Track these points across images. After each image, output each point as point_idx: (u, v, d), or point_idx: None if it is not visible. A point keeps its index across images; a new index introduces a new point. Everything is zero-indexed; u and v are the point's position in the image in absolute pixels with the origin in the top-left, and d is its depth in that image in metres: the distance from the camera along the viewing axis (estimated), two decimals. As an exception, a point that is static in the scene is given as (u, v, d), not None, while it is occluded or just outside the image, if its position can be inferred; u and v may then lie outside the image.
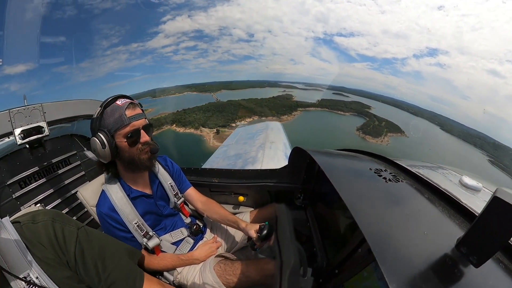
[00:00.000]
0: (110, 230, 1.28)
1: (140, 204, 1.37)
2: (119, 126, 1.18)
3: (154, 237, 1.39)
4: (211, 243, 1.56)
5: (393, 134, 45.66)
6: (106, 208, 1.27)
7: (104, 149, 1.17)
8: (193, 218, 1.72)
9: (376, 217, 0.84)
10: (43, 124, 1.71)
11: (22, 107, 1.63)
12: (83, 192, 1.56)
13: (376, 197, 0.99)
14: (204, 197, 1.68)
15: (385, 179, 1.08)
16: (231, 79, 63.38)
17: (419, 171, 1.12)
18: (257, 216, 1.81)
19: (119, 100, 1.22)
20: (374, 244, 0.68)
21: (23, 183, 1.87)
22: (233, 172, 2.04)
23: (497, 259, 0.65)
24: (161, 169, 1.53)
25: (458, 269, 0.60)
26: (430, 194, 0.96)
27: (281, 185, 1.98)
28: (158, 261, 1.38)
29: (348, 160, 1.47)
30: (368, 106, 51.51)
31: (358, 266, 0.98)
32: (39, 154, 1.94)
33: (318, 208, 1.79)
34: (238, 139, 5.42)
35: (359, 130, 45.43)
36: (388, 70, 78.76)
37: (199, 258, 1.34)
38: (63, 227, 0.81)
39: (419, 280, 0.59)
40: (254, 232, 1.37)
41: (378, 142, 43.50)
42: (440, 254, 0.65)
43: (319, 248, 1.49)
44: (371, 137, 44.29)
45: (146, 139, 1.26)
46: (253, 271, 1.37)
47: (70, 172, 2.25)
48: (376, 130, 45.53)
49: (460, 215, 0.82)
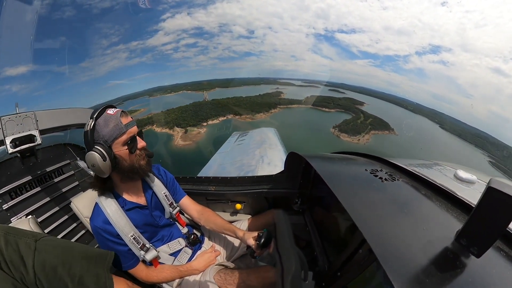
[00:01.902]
0: (106, 244, 1.24)
1: (135, 215, 1.34)
2: (117, 135, 1.17)
3: (152, 249, 1.36)
4: (209, 252, 1.52)
5: (379, 132, 43.95)
6: (101, 221, 1.24)
7: (105, 162, 1.14)
8: (190, 227, 1.69)
9: (374, 217, 0.85)
10: (36, 133, 1.66)
11: (13, 115, 1.58)
12: (77, 203, 1.51)
13: (373, 197, 1.00)
14: (199, 206, 1.66)
15: (381, 179, 1.09)
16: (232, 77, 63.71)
17: (414, 169, 1.14)
18: (255, 223, 1.79)
19: (109, 109, 1.21)
20: (374, 244, 0.68)
21: (14, 193, 1.80)
22: (229, 179, 2.02)
23: (497, 248, 0.66)
24: (155, 178, 1.51)
25: (460, 261, 0.61)
26: (427, 190, 0.98)
27: (278, 190, 1.97)
28: (157, 274, 1.34)
29: (343, 163, 1.48)
30: (361, 102, 50.34)
31: (360, 267, 0.97)
32: (31, 163, 1.88)
33: (316, 212, 1.79)
34: (234, 146, 5.41)
35: (336, 128, 43.48)
36: (391, 68, 79.62)
37: (198, 269, 1.31)
38: (17, 240, 0.76)
39: (423, 276, 0.59)
40: (253, 240, 1.36)
41: (354, 140, 41.55)
42: (441, 248, 0.66)
43: (320, 252, 1.48)
44: (347, 135, 42.30)
45: (143, 145, 1.27)
46: (254, 279, 1.34)
47: (64, 182, 2.18)
48: (356, 127, 43.69)
49: (457, 208, 0.83)
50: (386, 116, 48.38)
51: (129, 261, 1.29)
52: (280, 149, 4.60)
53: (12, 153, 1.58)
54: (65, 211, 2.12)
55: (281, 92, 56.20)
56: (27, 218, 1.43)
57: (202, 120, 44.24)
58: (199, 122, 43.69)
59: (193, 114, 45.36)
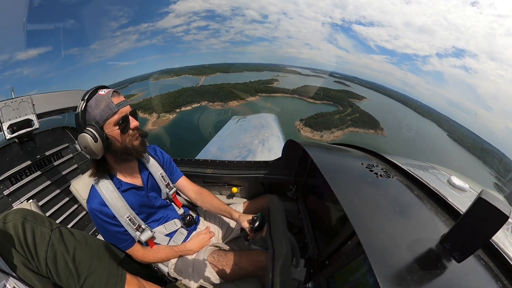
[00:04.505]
0: (102, 225, 1.27)
1: (131, 196, 1.36)
2: (108, 115, 1.15)
3: (147, 230, 1.39)
4: (204, 233, 1.58)
5: (359, 130, 41.05)
6: (97, 203, 1.25)
7: (97, 143, 1.13)
8: (186, 208, 1.73)
9: (366, 211, 0.87)
10: (33, 117, 1.63)
11: (9, 100, 1.55)
12: (76, 186, 1.53)
13: (366, 192, 1.02)
14: (196, 186, 1.68)
15: (376, 174, 1.11)
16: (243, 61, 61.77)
17: (410, 169, 1.15)
18: (250, 207, 1.83)
19: (101, 90, 1.18)
20: (363, 237, 0.71)
21: (14, 179, 1.81)
22: (226, 163, 2.04)
23: (478, 256, 0.69)
24: (151, 159, 1.51)
25: (441, 263, 0.64)
26: (419, 191, 0.99)
27: (274, 176, 2.00)
28: (153, 254, 1.39)
29: (340, 154, 1.49)
30: (360, 97, 48.82)
31: (348, 258, 1.02)
32: (29, 148, 1.88)
33: (309, 200, 1.83)
34: (233, 130, 5.39)
35: (302, 121, 40.79)
36: (408, 67, 75.61)
37: (192, 249, 1.36)
38: (34, 228, 0.76)
39: (405, 272, 0.62)
40: (247, 223, 1.39)
41: (315, 136, 39.14)
42: (425, 248, 0.68)
43: (310, 239, 1.53)
44: (310, 129, 39.85)
45: (136, 124, 1.25)
46: (246, 262, 1.40)
47: (63, 166, 2.20)
48: (327, 122, 40.91)
49: (446, 212, 0.85)
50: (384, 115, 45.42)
51: (125, 242, 1.32)
52: (279, 136, 4.60)
53: (10, 139, 1.57)
54: (65, 194, 2.16)
55: (276, 80, 54.67)
56: (28, 203, 1.45)
57: (176, 107, 44.42)
58: (173, 109, 43.88)
59: (173, 100, 45.41)
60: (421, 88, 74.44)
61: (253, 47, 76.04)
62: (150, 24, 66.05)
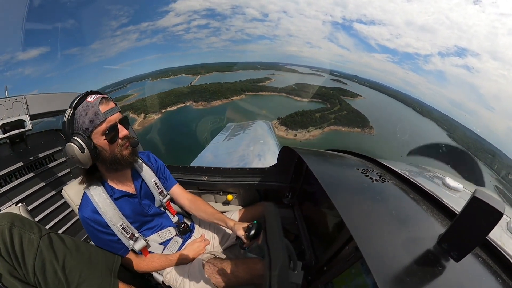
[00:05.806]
0: (95, 234, 1.23)
1: (124, 204, 1.32)
2: (95, 124, 1.11)
3: (141, 238, 1.36)
4: (199, 241, 1.55)
5: (343, 129, 40.09)
6: (89, 211, 1.21)
7: (84, 153, 1.09)
8: (181, 216, 1.69)
9: (363, 216, 0.87)
10: (26, 118, 1.58)
11: (3, 99, 1.50)
12: (68, 191, 1.47)
13: (363, 196, 1.02)
14: (190, 194, 1.66)
15: (371, 179, 1.12)
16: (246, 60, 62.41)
17: (405, 172, 1.17)
18: (245, 215, 1.81)
19: (89, 96, 1.14)
20: (361, 242, 0.71)
21: (2, 181, 1.73)
22: (221, 170, 2.03)
23: (476, 254, 0.70)
24: (144, 166, 1.48)
25: (440, 264, 0.64)
26: (415, 193, 1.01)
27: (270, 183, 2.00)
28: (147, 263, 1.35)
29: (335, 160, 1.51)
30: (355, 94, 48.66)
31: (346, 263, 1.01)
32: (20, 149, 1.80)
33: (305, 206, 1.83)
34: (228, 136, 5.39)
35: (279, 119, 40.04)
36: (409, 66, 77.32)
37: (187, 258, 1.33)
38: (22, 234, 0.73)
39: (404, 275, 0.62)
40: (243, 230, 1.37)
41: (288, 135, 38.17)
42: (423, 250, 0.69)
43: (307, 246, 1.52)
44: (285, 128, 38.99)
45: (125, 133, 1.21)
46: (242, 270, 1.37)
47: (55, 169, 2.11)
48: (304, 121, 39.69)
49: (442, 213, 0.87)
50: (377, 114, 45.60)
51: (119, 250, 1.29)
52: (273, 143, 4.63)
53: (1, 139, 1.51)
54: (56, 198, 2.07)
55: (268, 78, 55.07)
56: (17, 206, 1.39)
57: (163, 107, 44.75)
58: (160, 109, 44.30)
59: (161, 101, 46.00)
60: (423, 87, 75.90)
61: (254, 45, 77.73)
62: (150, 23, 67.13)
